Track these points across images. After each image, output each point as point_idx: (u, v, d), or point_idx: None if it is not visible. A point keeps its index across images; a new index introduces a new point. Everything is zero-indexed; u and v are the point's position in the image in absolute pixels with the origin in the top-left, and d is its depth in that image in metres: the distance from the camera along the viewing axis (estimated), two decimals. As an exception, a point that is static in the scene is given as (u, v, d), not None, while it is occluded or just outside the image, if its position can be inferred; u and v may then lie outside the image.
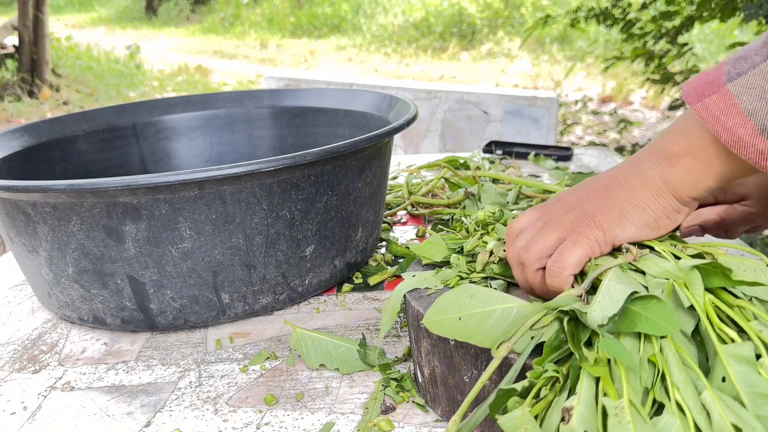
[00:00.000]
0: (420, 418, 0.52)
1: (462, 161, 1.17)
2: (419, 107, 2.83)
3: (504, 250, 0.54)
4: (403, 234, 0.94)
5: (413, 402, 0.53)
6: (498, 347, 0.41)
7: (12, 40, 6.01)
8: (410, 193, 1.03)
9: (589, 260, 0.45)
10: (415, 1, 8.94)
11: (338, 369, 0.59)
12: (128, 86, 6.08)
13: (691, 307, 0.39)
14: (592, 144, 3.81)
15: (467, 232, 0.62)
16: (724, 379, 0.35)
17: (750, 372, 0.34)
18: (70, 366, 0.63)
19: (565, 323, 0.40)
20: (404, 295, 0.53)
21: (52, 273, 0.65)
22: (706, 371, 0.37)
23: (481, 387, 0.39)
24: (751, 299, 0.40)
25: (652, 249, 0.45)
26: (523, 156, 1.30)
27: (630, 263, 0.44)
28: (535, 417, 0.36)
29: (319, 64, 7.35)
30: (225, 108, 1.05)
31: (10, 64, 5.72)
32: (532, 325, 0.42)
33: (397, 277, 0.79)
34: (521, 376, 0.39)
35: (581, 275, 0.46)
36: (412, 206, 1.01)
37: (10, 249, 0.70)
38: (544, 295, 0.48)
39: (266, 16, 10.08)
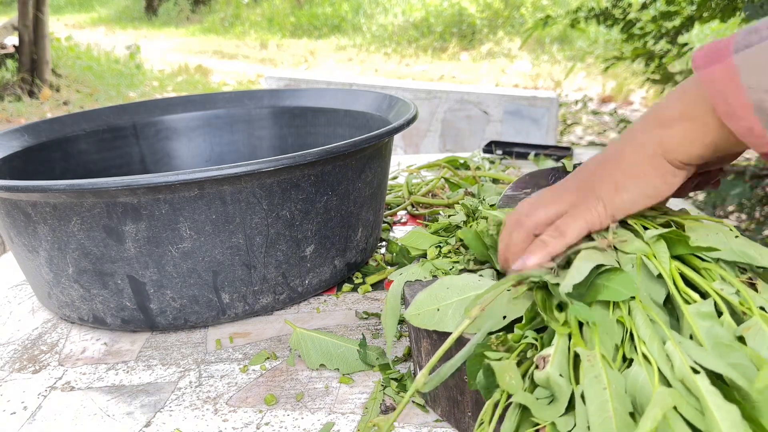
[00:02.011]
0: (420, 418, 0.52)
1: (462, 161, 1.17)
2: (419, 107, 2.83)
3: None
4: (403, 234, 0.94)
5: (413, 402, 0.53)
6: (470, 309, 0.42)
7: (12, 40, 6.00)
8: (410, 193, 1.03)
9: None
10: (415, 1, 8.94)
11: (338, 369, 0.59)
12: (128, 86, 6.08)
13: (660, 276, 0.42)
14: (592, 144, 3.81)
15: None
16: (691, 337, 0.38)
17: (713, 326, 0.37)
18: (70, 366, 0.63)
19: (535, 291, 0.42)
20: (403, 296, 0.53)
21: (52, 273, 0.65)
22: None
23: (452, 343, 0.41)
24: (718, 261, 0.43)
25: (625, 223, 0.47)
26: (523, 156, 1.30)
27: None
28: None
29: (319, 64, 7.35)
30: (225, 108, 1.05)
31: (10, 64, 5.72)
32: (505, 296, 0.43)
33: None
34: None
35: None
36: (412, 206, 1.01)
37: (10, 249, 0.70)
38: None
39: (266, 16, 10.08)
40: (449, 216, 0.67)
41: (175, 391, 0.58)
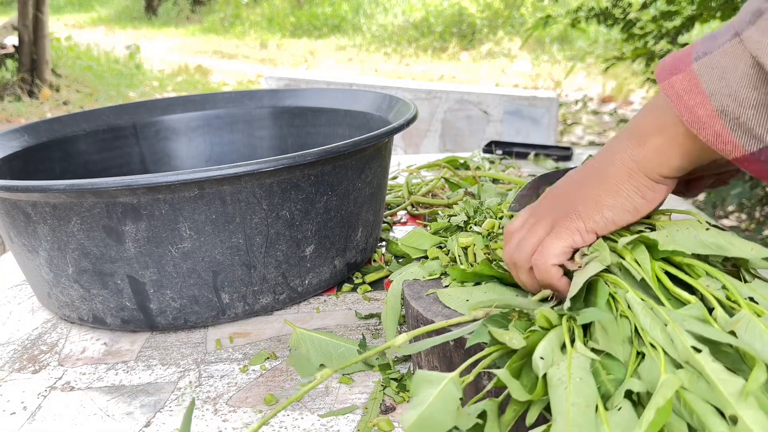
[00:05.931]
0: (420, 418, 0.52)
1: (462, 161, 1.17)
2: (419, 107, 2.82)
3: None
4: (403, 234, 0.93)
5: (413, 402, 0.53)
6: (475, 309, 0.44)
7: (12, 40, 6.00)
8: (410, 193, 1.03)
9: (576, 251, 0.46)
10: (415, 1, 8.94)
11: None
12: (128, 86, 6.08)
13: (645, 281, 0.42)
14: (592, 144, 3.82)
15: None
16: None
17: (703, 327, 0.38)
18: (70, 366, 0.63)
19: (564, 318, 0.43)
20: (403, 296, 0.53)
21: (52, 273, 0.65)
22: None
23: (447, 324, 0.43)
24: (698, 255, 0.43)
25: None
26: (523, 156, 1.30)
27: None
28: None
29: (319, 64, 7.35)
30: (225, 108, 1.05)
31: (10, 64, 5.72)
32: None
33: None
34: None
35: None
36: (412, 206, 1.01)
37: (10, 249, 0.70)
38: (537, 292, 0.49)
39: (266, 16, 10.08)
40: (449, 216, 0.67)
41: (175, 391, 0.58)
